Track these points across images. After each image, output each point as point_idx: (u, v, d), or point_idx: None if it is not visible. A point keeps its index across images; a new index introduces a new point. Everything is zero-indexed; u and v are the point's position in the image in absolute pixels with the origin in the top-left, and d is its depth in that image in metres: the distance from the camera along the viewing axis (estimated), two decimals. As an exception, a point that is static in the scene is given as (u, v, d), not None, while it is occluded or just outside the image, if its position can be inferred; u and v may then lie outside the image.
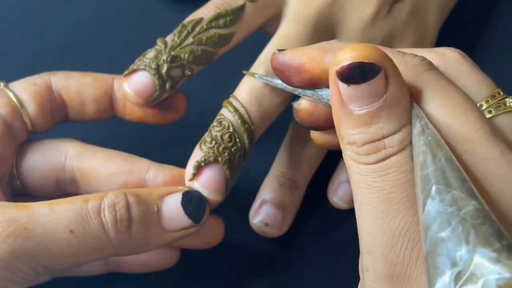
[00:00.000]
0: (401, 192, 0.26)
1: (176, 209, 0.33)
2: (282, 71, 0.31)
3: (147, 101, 0.37)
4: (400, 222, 0.26)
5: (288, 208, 0.41)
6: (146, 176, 0.36)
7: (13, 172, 0.37)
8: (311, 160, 0.42)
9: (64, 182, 0.37)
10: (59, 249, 0.30)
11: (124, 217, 0.32)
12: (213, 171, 0.34)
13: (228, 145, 0.35)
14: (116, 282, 0.40)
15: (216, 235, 0.38)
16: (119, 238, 0.32)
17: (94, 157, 0.37)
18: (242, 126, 0.35)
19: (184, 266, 0.40)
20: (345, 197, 0.42)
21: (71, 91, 0.38)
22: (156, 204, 0.33)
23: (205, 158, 0.34)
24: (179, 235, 0.34)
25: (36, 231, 0.30)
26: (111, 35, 0.49)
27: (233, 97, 0.36)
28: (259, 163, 0.43)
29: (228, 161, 0.34)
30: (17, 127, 0.36)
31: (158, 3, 0.50)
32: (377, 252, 0.26)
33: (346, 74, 0.26)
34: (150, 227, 0.33)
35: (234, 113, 0.35)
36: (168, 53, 0.37)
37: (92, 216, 0.31)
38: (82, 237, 0.31)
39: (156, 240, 0.33)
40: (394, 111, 0.26)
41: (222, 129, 0.35)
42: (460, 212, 0.23)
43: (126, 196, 0.32)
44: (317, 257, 0.42)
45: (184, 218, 0.34)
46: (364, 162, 0.26)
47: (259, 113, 0.36)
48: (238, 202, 0.41)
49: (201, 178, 0.34)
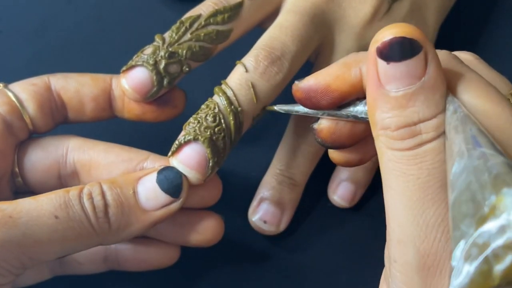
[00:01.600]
0: (436, 181, 0.25)
1: (152, 187, 0.34)
2: (309, 99, 0.31)
3: (144, 97, 0.37)
4: (435, 213, 0.25)
5: (286, 205, 0.41)
6: (145, 164, 0.36)
7: (14, 169, 0.37)
8: (309, 158, 0.42)
9: (66, 176, 0.37)
10: (45, 235, 0.31)
11: (100, 203, 0.33)
12: (192, 148, 0.35)
13: (211, 125, 0.35)
14: (117, 281, 0.41)
15: (216, 233, 0.38)
16: (100, 224, 0.32)
17: (95, 148, 0.37)
18: (228, 107, 0.35)
19: (183, 264, 0.40)
20: (345, 195, 0.42)
21: (70, 90, 0.38)
22: (132, 187, 0.34)
23: (185, 136, 0.35)
24: (161, 213, 0.34)
25: (21, 219, 0.31)
26: (111, 35, 0.49)
27: (224, 83, 0.36)
28: (258, 161, 0.43)
29: (209, 140, 0.34)
30: (17, 125, 0.36)
31: (158, 3, 0.50)
32: (408, 242, 0.26)
33: (387, 50, 0.26)
34: (128, 209, 0.33)
35: (222, 96, 0.35)
36: (166, 49, 0.37)
37: (74, 203, 0.32)
38: (67, 222, 0.31)
39: (138, 222, 0.34)
40: (431, 95, 0.26)
41: (207, 110, 0.35)
42: (487, 163, 0.23)
43: (100, 185, 0.33)
44: (316, 255, 0.42)
45: (162, 194, 0.34)
46: (399, 148, 0.26)
47: (249, 96, 0.36)
48: (236, 200, 0.42)
49: (179, 155, 0.35)
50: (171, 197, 0.34)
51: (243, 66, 0.36)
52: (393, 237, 0.27)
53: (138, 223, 0.34)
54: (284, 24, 0.38)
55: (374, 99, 0.27)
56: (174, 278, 0.41)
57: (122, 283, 0.41)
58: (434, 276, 0.26)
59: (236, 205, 0.42)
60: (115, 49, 0.49)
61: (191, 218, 0.37)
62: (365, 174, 0.43)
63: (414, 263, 0.26)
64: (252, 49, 0.37)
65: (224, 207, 0.38)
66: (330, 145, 0.33)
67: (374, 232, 0.43)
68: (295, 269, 0.41)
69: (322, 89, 0.30)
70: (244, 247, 0.42)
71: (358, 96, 0.30)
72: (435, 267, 0.25)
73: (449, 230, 0.25)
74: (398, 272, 0.27)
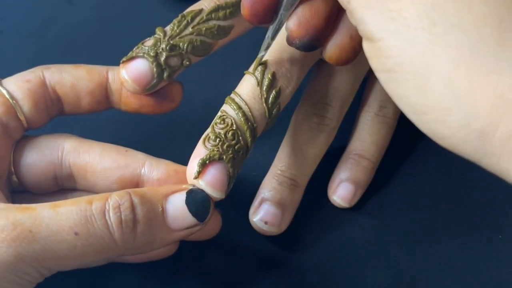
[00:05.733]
0: None
1: (181, 208, 0.33)
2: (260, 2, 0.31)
3: (144, 88, 0.37)
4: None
5: (287, 206, 0.41)
6: (142, 170, 0.36)
7: (10, 169, 0.37)
8: (311, 159, 0.42)
9: (62, 177, 0.37)
10: (64, 251, 0.30)
11: (129, 218, 0.31)
12: (218, 169, 0.34)
13: (232, 143, 0.34)
14: (116, 272, 0.40)
15: (213, 226, 0.38)
16: (124, 239, 0.31)
17: (90, 152, 0.36)
18: (245, 124, 0.35)
19: (183, 266, 0.40)
20: (345, 195, 0.42)
21: (65, 85, 0.37)
22: (161, 204, 0.33)
23: (210, 156, 0.34)
24: (183, 234, 0.33)
25: (41, 233, 0.30)
26: (111, 35, 0.50)
27: (236, 94, 0.36)
28: (259, 161, 0.43)
29: (232, 159, 0.34)
30: (13, 125, 0.36)
31: (158, 3, 0.51)
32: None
33: None
34: (155, 227, 0.32)
35: (238, 111, 0.35)
36: (167, 42, 0.37)
37: (96, 218, 0.31)
38: (87, 239, 0.30)
39: (161, 240, 0.33)
40: None
41: (225, 127, 0.34)
42: None
43: (130, 197, 0.32)
44: (317, 255, 0.41)
45: (189, 217, 0.33)
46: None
47: (262, 110, 0.36)
48: (238, 200, 0.41)
49: (205, 176, 0.34)
50: (197, 220, 0.33)
51: (256, 79, 0.36)
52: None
53: (161, 241, 0.33)
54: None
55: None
56: (173, 280, 0.41)
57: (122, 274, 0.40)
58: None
59: (236, 205, 0.41)
60: (115, 49, 0.48)
61: None
62: (365, 174, 0.43)
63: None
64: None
65: (225, 207, 0.38)
66: (308, 37, 0.32)
67: (374, 232, 0.43)
68: (295, 269, 0.41)
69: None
70: (244, 248, 0.42)
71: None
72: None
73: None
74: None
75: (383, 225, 0.42)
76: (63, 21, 0.50)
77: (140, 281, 0.40)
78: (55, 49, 0.49)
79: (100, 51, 0.49)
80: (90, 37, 0.50)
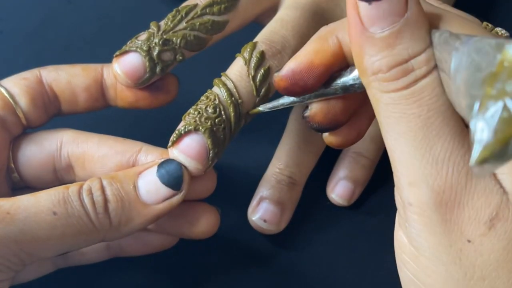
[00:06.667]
0: (438, 116, 0.25)
1: (152, 180, 0.34)
2: (295, 83, 0.31)
3: (136, 82, 0.37)
4: (442, 147, 0.25)
5: (286, 204, 0.41)
6: (139, 156, 0.36)
7: (10, 165, 0.37)
8: (309, 157, 0.42)
9: (61, 170, 0.37)
10: (43, 231, 0.31)
11: (100, 199, 0.32)
12: (193, 138, 0.34)
13: (212, 116, 0.34)
14: (116, 271, 0.40)
15: (211, 225, 0.37)
16: (100, 220, 0.32)
17: (88, 141, 0.37)
18: (228, 98, 0.35)
19: (182, 266, 0.40)
20: (343, 193, 0.42)
21: (61, 82, 0.38)
22: (133, 181, 0.33)
23: (185, 127, 0.34)
24: (163, 206, 0.34)
25: (19, 215, 0.30)
26: (111, 35, 0.50)
27: (224, 75, 0.36)
28: (257, 160, 0.43)
29: (210, 130, 0.34)
30: (10, 121, 0.37)
31: (158, 3, 0.51)
32: (421, 182, 0.25)
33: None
34: (128, 204, 0.33)
35: (222, 87, 0.35)
36: (160, 36, 0.37)
37: (73, 199, 0.32)
38: (66, 218, 0.31)
39: (140, 216, 0.33)
40: (417, 30, 0.26)
41: (207, 102, 0.35)
42: (484, 40, 0.23)
43: (100, 180, 0.33)
44: (316, 254, 0.41)
45: (163, 188, 0.34)
46: (395, 88, 0.26)
47: (249, 88, 0.35)
48: (236, 199, 0.41)
49: (179, 145, 0.34)
50: (173, 190, 0.34)
51: (243, 58, 0.36)
52: (403, 181, 0.26)
53: (140, 218, 0.33)
54: (285, 18, 0.38)
55: (360, 45, 0.26)
56: (173, 279, 0.41)
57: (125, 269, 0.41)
58: (453, 210, 0.25)
59: (235, 204, 0.41)
60: (115, 49, 0.48)
61: (186, 210, 0.37)
62: (364, 173, 0.43)
63: (430, 202, 0.25)
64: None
65: (223, 205, 0.38)
66: (328, 126, 0.32)
67: (373, 230, 0.43)
68: (294, 267, 0.41)
69: (306, 67, 0.30)
70: (243, 246, 0.42)
71: (341, 67, 0.30)
72: (452, 201, 0.25)
73: (459, 162, 0.25)
74: (415, 214, 0.26)
75: (381, 223, 0.42)
76: (63, 21, 0.50)
77: (139, 279, 0.40)
78: (55, 49, 0.49)
79: (100, 51, 0.49)
80: (90, 37, 0.50)
